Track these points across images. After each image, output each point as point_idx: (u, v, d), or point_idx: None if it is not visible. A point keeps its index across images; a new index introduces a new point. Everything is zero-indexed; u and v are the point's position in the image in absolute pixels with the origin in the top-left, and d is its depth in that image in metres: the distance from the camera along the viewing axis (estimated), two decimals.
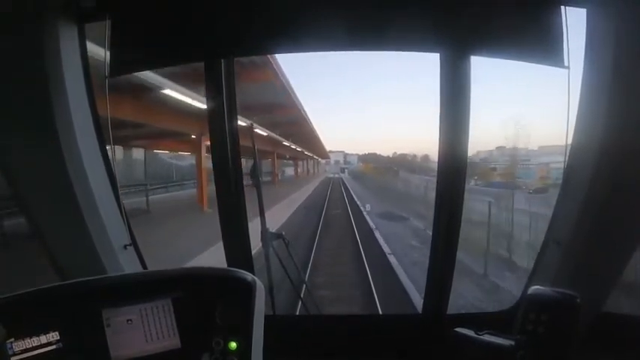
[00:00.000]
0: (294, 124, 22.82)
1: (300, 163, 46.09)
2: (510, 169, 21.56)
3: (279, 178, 34.33)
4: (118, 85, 2.28)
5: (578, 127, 2.09)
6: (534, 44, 2.07)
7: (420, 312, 2.57)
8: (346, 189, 34.71)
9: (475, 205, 12.48)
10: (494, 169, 23.38)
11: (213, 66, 2.30)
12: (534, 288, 1.67)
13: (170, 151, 25.53)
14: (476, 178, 22.83)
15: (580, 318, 1.56)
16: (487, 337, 1.85)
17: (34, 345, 1.57)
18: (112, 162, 2.33)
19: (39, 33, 1.92)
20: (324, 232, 16.89)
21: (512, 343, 1.67)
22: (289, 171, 41.83)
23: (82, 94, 2.16)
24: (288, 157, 34.18)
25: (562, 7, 2.01)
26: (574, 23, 2.03)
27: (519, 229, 11.60)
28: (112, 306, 1.66)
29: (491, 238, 12.04)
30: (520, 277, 9.65)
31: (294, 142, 29.72)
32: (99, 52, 2.24)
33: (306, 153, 36.40)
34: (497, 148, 24.19)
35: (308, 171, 49.03)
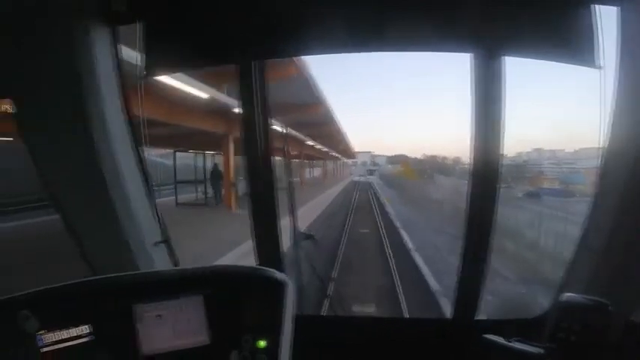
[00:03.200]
0: (312, 119, 18.78)
1: (310, 162, 36.07)
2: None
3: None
4: None
5: (613, 129, 2.05)
6: (566, 44, 2.04)
7: (449, 317, 2.54)
8: (384, 215, 21.64)
9: None
10: (542, 172, 22.15)
11: (246, 68, 2.33)
12: (566, 295, 1.65)
13: None
14: (527, 183, 21.02)
15: (612, 326, 1.53)
16: (516, 345, 1.83)
17: (64, 337, 1.63)
18: (144, 161, 2.39)
19: (72, 36, 1.99)
20: None
21: (542, 351, 1.65)
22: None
23: (115, 95, 2.23)
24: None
25: (594, 6, 1.98)
26: (608, 22, 2.00)
27: None
28: (143, 301, 1.71)
29: None
30: None
31: (315, 139, 23.38)
32: (132, 54, 2.31)
33: (320, 148, 28.28)
34: (535, 149, 23.35)
35: (326, 174, 40.14)
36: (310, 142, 23.52)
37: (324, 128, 21.26)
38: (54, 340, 1.62)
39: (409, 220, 19.16)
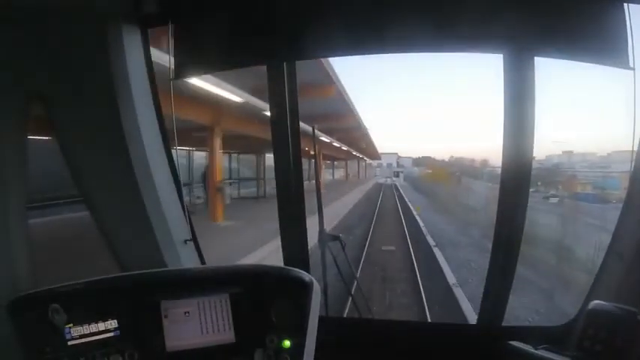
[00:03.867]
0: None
1: (331, 163, 32.22)
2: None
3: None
4: None
5: None
6: (597, 44, 1.99)
7: (475, 323, 2.51)
8: (413, 226, 18.84)
9: None
10: (574, 176, 21.09)
11: (276, 69, 2.35)
12: (594, 303, 1.62)
13: None
14: (560, 188, 19.80)
15: None
16: (542, 352, 1.80)
17: (92, 331, 1.69)
18: (175, 161, 2.43)
19: (104, 37, 2.03)
20: None
21: (569, 359, 1.62)
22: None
23: (147, 96, 2.28)
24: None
25: (625, 5, 1.92)
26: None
27: None
28: (170, 298, 1.75)
29: None
30: None
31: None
32: (163, 56, 2.36)
33: (339, 146, 24.08)
34: (565, 152, 22.70)
35: (348, 176, 36.25)
36: (325, 139, 19.80)
37: (342, 121, 18.46)
38: (82, 333, 1.67)
39: (444, 234, 16.44)
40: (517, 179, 2.22)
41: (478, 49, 2.20)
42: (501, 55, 2.14)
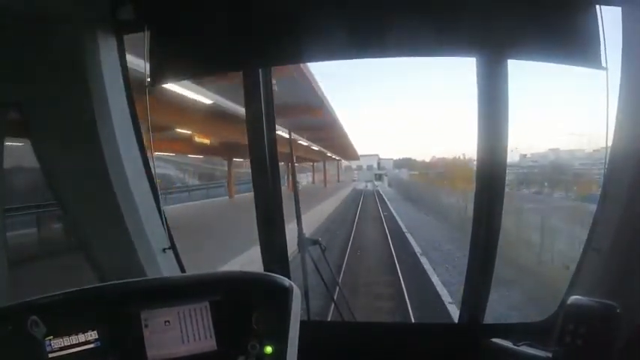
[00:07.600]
0: None
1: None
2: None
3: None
4: None
5: (617, 129, 2.04)
6: (570, 46, 2.03)
7: (456, 321, 2.54)
8: None
9: None
10: (579, 174, 19.57)
11: (251, 75, 2.37)
12: (573, 298, 1.65)
13: None
14: (575, 189, 17.76)
15: (620, 329, 1.52)
16: (524, 349, 1.83)
17: (72, 343, 1.66)
18: (152, 168, 2.42)
19: (80, 44, 2.04)
20: None
21: (550, 355, 1.64)
22: None
23: (123, 103, 2.27)
24: None
25: (597, 7, 1.97)
26: (612, 22, 1.99)
27: None
28: (150, 307, 1.74)
29: None
30: None
31: None
32: (140, 62, 2.35)
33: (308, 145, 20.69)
34: (551, 149, 22.61)
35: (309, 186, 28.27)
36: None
37: (310, 114, 15.14)
38: (62, 345, 1.65)
39: None
40: (492, 180, 2.27)
41: (451, 53, 2.24)
42: (474, 59, 2.19)
